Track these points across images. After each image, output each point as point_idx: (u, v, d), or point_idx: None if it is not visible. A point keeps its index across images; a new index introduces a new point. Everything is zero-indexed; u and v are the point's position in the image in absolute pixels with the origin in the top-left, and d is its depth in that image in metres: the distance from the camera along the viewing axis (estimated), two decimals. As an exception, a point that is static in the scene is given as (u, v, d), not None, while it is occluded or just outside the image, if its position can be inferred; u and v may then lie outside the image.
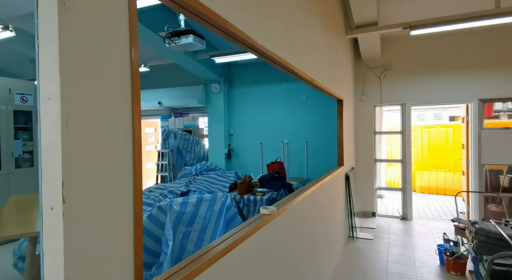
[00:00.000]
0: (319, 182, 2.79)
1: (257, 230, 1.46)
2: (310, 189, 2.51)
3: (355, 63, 5.13)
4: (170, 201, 2.46)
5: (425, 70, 4.68)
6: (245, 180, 3.70)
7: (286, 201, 2.02)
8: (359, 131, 5.15)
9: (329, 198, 3.24)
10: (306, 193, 2.36)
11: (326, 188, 3.09)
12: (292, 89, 5.54)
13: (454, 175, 7.21)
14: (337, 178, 3.67)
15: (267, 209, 1.65)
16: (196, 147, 6.02)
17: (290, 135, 5.56)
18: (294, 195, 2.24)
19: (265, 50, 1.58)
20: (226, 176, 5.11)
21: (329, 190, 3.25)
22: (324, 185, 3.01)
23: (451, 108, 14.09)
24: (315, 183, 2.75)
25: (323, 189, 2.97)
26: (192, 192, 3.99)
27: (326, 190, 3.12)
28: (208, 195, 2.58)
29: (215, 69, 5.67)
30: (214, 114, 5.94)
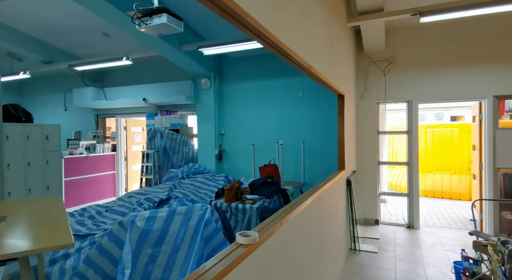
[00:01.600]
0: (316, 192, 2.34)
1: (227, 273, 1.00)
2: (304, 202, 2.06)
3: (357, 56, 4.69)
4: (133, 216, 2.00)
5: (433, 64, 4.25)
6: (233, 185, 3.24)
7: (274, 221, 1.56)
8: (361, 131, 4.71)
9: (328, 210, 2.79)
10: (299, 208, 1.91)
11: (324, 197, 2.64)
12: (288, 85, 5.09)
13: (460, 178, 6.79)
14: (338, 184, 3.22)
15: (246, 237, 1.20)
16: (184, 148, 5.55)
17: (286, 135, 5.11)
18: (285, 211, 1.78)
19: (244, 16, 1.13)
20: (215, 180, 4.65)
21: (328, 199, 2.80)
22: (322, 195, 2.56)
23: (453, 108, 13.73)
24: (311, 193, 2.30)
25: (320, 200, 2.52)
26: (173, 199, 3.53)
27: (325, 200, 2.67)
28: (182, 208, 2.12)
29: (204, 63, 5.21)
30: (204, 112, 5.48)
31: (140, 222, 1.96)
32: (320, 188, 2.47)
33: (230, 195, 3.22)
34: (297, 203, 2.00)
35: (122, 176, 6.81)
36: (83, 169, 5.99)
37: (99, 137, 6.94)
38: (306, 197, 2.18)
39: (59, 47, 5.99)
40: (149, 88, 5.91)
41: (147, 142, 5.77)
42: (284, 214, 1.71)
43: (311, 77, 2.53)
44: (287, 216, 1.68)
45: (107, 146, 6.61)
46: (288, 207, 1.91)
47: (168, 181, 4.85)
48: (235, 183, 3.28)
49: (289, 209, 1.84)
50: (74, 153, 5.88)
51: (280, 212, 1.76)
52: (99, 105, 6.30)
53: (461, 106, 13.37)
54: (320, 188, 2.47)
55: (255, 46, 4.22)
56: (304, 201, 2.07)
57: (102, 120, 7.08)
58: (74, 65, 5.47)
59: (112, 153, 6.73)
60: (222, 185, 4.47)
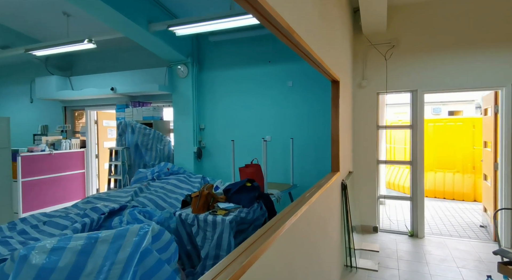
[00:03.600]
0: (303, 206, 1.73)
1: None
2: (289, 219, 1.45)
3: (354, 39, 4.06)
4: (29, 247, 1.36)
5: (442, 48, 3.65)
6: (202, 192, 2.61)
7: (249, 248, 0.94)
8: (358, 125, 4.11)
9: (319, 223, 2.19)
10: (282, 230, 1.30)
11: (314, 210, 2.04)
12: (276, 73, 4.45)
13: (463, 177, 6.27)
14: (331, 190, 2.62)
15: None
16: (159, 144, 4.90)
17: (274, 130, 4.49)
18: (266, 231, 1.17)
19: None
20: (190, 182, 4.02)
21: (319, 211, 2.20)
22: (312, 208, 1.95)
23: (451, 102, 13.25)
24: (298, 207, 1.69)
25: (309, 214, 1.91)
26: (129, 208, 2.89)
27: (315, 214, 2.06)
28: (108, 233, 1.49)
29: (180, 47, 4.53)
30: (181, 104, 4.82)
31: (37, 258, 1.32)
32: (308, 199, 1.85)
33: (198, 204, 2.59)
34: (280, 220, 1.40)
35: (93, 175, 6.14)
36: (45, 168, 5.30)
37: (67, 133, 6.23)
38: (292, 211, 1.57)
39: (16, 29, 5.25)
40: (120, 77, 5.21)
41: (117, 137, 5.10)
42: (262, 238, 1.09)
43: (300, 53, 1.90)
44: (266, 241, 1.08)
45: (75, 142, 5.91)
46: (269, 226, 1.30)
47: (137, 182, 4.21)
48: (205, 189, 2.66)
49: (269, 230, 1.23)
50: (34, 150, 5.18)
51: (259, 234, 1.14)
52: (64, 96, 5.59)
53: (459, 101, 12.92)
54: (308, 199, 1.85)
55: (236, 24, 3.56)
56: (288, 218, 1.46)
57: (71, 114, 6.37)
58: (32, 49, 4.74)
59: (81, 149, 6.04)
60: (197, 188, 3.84)
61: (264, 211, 2.93)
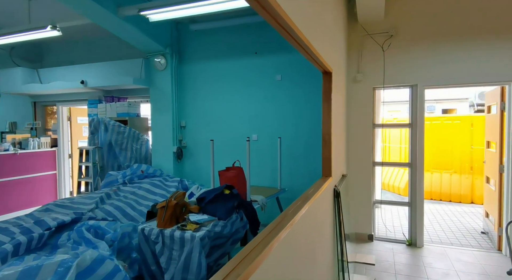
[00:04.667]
0: (288, 224, 1.34)
1: None
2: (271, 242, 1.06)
3: (349, 28, 3.68)
4: None
5: (445, 38, 3.30)
6: (169, 202, 2.20)
7: None
8: (352, 123, 3.74)
9: (308, 240, 1.81)
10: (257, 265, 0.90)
11: (301, 226, 1.65)
12: (263, 65, 4.05)
13: (461, 178, 6.00)
14: (322, 200, 2.24)
15: None
16: (135, 144, 4.45)
17: (261, 128, 4.10)
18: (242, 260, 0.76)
19: None
20: (166, 186, 3.60)
21: (308, 225, 1.81)
22: (299, 223, 1.56)
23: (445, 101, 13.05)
24: (281, 226, 1.30)
25: (296, 231, 1.52)
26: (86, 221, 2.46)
27: (302, 231, 1.68)
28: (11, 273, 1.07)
29: (157, 35, 4.08)
30: (159, 99, 4.38)
31: None
32: (291, 217, 1.46)
33: (164, 217, 2.18)
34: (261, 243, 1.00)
35: (66, 176, 5.65)
36: (9, 169, 4.79)
37: (37, 130, 5.72)
38: (274, 233, 1.18)
39: (-25, 14, 4.71)
40: (92, 69, 4.73)
41: (89, 136, 4.63)
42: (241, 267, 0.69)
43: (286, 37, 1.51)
44: None
45: (45, 141, 5.41)
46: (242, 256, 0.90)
47: (107, 186, 3.77)
48: (173, 198, 2.24)
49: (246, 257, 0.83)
50: (-4, 149, 4.67)
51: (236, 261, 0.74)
52: (31, 90, 5.07)
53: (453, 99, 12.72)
54: (291, 217, 1.46)
55: (218, 7, 3.13)
56: (266, 245, 1.07)
57: (41, 110, 5.86)
58: (-11, 37, 4.22)
59: (53, 148, 5.54)
60: (172, 193, 3.42)
61: (245, 222, 2.54)
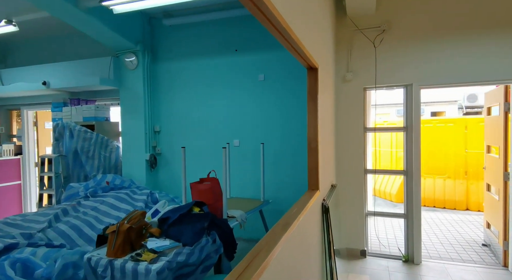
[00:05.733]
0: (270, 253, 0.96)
1: None
2: None
3: (337, 22, 3.36)
4: None
5: (443, 33, 3.01)
6: (121, 226, 1.79)
7: None
8: (341, 127, 3.40)
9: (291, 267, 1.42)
10: None
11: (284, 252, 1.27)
12: (245, 64, 3.69)
13: (455, 183, 5.74)
14: (308, 217, 1.86)
15: None
16: (103, 151, 4.01)
17: (243, 133, 3.72)
18: None
19: None
20: (133, 200, 3.17)
21: (293, 249, 1.43)
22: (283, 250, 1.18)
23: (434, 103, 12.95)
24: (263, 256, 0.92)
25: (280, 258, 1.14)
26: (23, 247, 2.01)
27: (286, 256, 1.29)
28: None
29: (126, 31, 3.67)
30: (130, 101, 3.96)
31: None
32: (272, 249, 1.08)
33: (114, 244, 1.76)
34: None
35: (32, 186, 5.13)
36: (-38, 180, 4.28)
37: (0, 136, 5.20)
38: None
39: None
40: (56, 69, 4.27)
41: (53, 142, 4.16)
42: None
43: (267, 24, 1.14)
44: None
45: (8, 148, 4.90)
46: None
47: (68, 200, 3.31)
48: (126, 221, 1.83)
49: None
50: None
51: None
52: (-12, 93, 4.57)
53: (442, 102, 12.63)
54: (272, 249, 1.08)
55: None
56: None
57: (5, 114, 5.34)
58: None
59: (17, 156, 5.02)
60: (140, 208, 3.00)
61: (218, 244, 2.14)
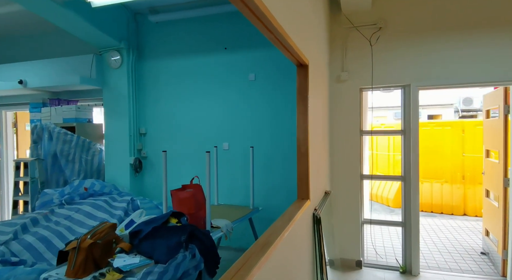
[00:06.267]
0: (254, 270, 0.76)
1: None
2: None
3: (331, 20, 3.19)
4: None
5: (441, 32, 2.85)
6: (82, 242, 1.57)
7: None
8: (336, 130, 3.22)
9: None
10: None
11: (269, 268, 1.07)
12: (234, 63, 3.50)
13: (452, 188, 5.59)
14: (297, 229, 1.67)
15: None
16: (85, 154, 3.77)
17: (233, 136, 3.53)
18: None
19: None
20: (112, 208, 2.94)
21: (274, 272, 1.23)
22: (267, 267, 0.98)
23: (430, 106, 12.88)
24: None
25: None
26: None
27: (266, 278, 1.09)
28: None
29: (109, 27, 3.47)
30: (113, 102, 3.74)
31: None
32: (254, 266, 0.89)
33: (75, 262, 1.55)
34: None
35: (10, 192, 4.86)
36: None
37: (-23, 138, 4.93)
38: None
39: None
40: (35, 67, 4.03)
41: (31, 145, 3.92)
42: None
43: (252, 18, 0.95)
44: None
45: (-16, 151, 4.64)
46: None
47: (42, 208, 3.08)
48: (89, 237, 1.61)
49: None
50: None
51: None
52: (-36, 92, 4.32)
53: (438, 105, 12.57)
54: (254, 266, 0.89)
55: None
56: None
57: (-16, 115, 5.07)
58: None
59: (-4, 160, 4.76)
60: (119, 216, 2.77)
61: (198, 260, 1.92)
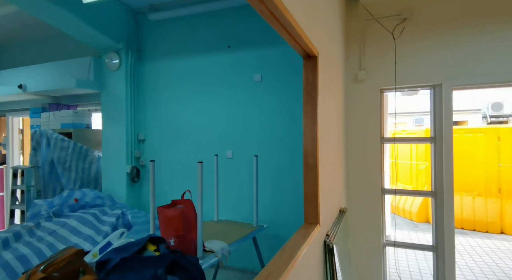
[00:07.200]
0: None
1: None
2: None
3: (347, 11, 2.82)
4: None
5: (481, 20, 2.41)
6: (32, 276, 1.27)
7: None
8: (353, 137, 2.82)
9: None
10: None
11: None
12: (239, 62, 3.19)
13: (487, 202, 4.98)
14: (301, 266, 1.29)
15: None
16: (82, 162, 3.56)
17: (236, 143, 3.20)
18: None
19: None
20: (100, 222, 2.66)
21: None
22: None
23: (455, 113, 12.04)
24: None
25: None
26: None
27: None
28: None
29: (107, 26, 3.26)
30: (111, 106, 3.52)
31: None
32: None
33: (22, 301, 1.24)
34: None
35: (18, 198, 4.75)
36: None
37: (-17, 144, 4.89)
38: None
39: None
40: (35, 71, 3.89)
41: (31, 152, 3.76)
42: None
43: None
44: None
45: (-12, 157, 4.56)
46: None
47: (32, 220, 2.86)
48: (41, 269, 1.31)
49: None
50: None
51: None
52: (-32, 97, 4.26)
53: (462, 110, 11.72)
54: None
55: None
56: None
57: (-9, 120, 5.04)
58: None
59: (1, 166, 4.68)
60: (105, 234, 2.48)
61: (183, 294, 1.58)
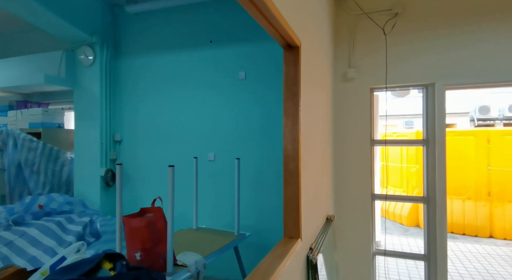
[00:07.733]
0: None
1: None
2: None
3: (336, 6, 2.66)
4: None
5: (476, 17, 2.28)
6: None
7: None
8: (341, 139, 2.65)
9: None
10: None
11: None
12: (222, 59, 2.99)
13: (476, 206, 4.91)
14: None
15: None
16: (52, 164, 3.29)
17: (218, 144, 2.99)
18: None
19: None
20: (65, 231, 2.41)
21: None
22: None
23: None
24: None
25: None
26: None
27: None
28: None
29: (79, 18, 3.01)
30: (84, 104, 3.26)
31: None
32: None
33: None
34: None
35: (-20, 204, 4.41)
36: None
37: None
38: None
39: None
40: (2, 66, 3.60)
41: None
42: None
43: None
44: None
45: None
46: None
47: (-10, 228, 2.57)
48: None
49: None
50: None
51: None
52: None
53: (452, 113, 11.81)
54: None
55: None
56: None
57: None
58: None
59: (-34, 168, 4.33)
60: (68, 244, 2.24)
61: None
